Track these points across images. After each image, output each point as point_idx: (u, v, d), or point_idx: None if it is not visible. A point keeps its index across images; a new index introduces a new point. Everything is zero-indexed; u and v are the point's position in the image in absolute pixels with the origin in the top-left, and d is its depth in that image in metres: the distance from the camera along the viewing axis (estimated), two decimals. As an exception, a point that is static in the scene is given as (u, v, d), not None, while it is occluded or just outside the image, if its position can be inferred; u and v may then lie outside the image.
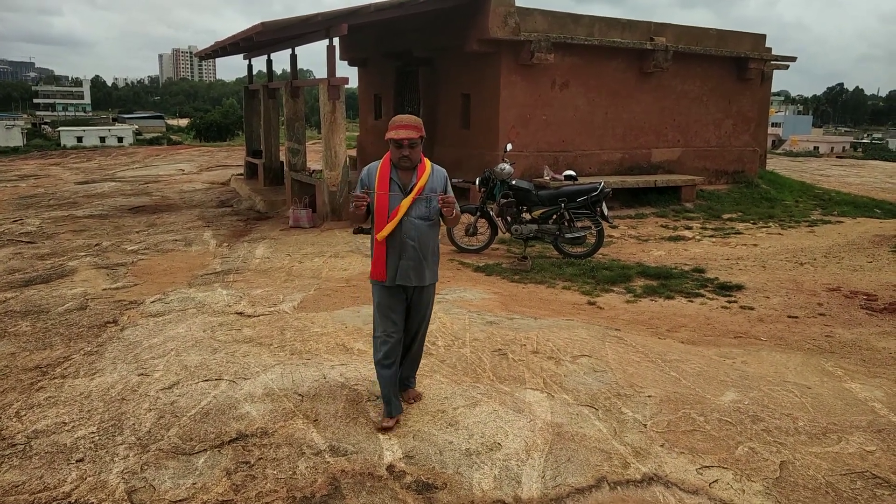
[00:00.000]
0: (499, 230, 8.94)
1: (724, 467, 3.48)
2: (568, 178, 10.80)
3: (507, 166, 8.72)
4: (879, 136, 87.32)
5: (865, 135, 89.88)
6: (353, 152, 17.92)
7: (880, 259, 8.74)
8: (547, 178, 11.49)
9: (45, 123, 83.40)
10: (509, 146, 9.41)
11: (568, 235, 8.54)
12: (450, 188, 3.89)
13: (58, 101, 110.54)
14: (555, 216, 8.59)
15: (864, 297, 6.92)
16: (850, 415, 4.12)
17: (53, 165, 20.85)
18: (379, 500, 3.17)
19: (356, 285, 7.04)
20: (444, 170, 3.94)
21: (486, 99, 12.05)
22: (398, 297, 3.85)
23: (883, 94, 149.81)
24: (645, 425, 3.91)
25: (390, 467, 3.41)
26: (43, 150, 34.93)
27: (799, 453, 3.63)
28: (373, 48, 15.16)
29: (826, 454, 3.64)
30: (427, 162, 3.84)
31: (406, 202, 3.71)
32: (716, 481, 3.35)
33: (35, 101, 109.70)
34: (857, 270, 8.14)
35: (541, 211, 8.67)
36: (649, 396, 4.29)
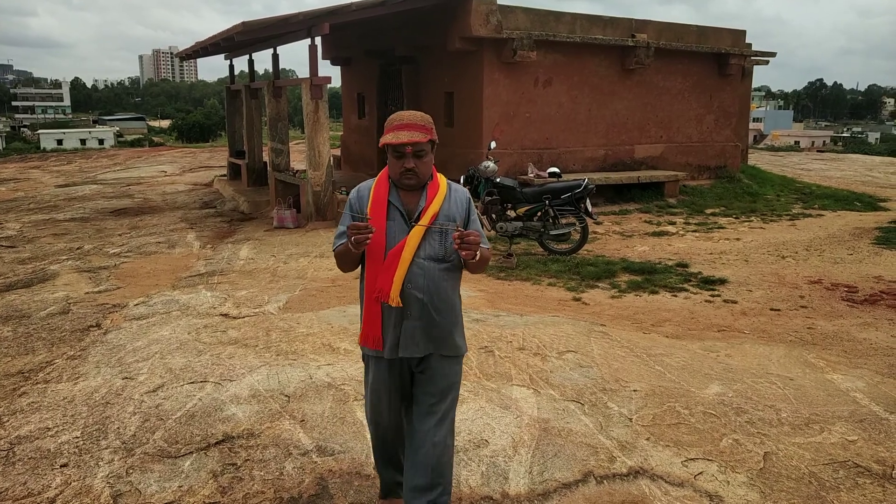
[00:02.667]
0: (483, 228, 8.95)
1: (708, 459, 3.51)
2: (552, 175, 10.83)
3: (491, 164, 8.74)
4: (859, 129, 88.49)
5: (845, 129, 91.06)
6: (337, 152, 17.88)
7: (860, 251, 8.85)
8: (531, 175, 11.52)
9: (25, 126, 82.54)
10: (493, 144, 9.42)
11: (553, 232, 8.57)
12: (475, 217, 2.81)
13: (37, 103, 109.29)
14: (539, 213, 8.61)
15: (845, 289, 7.01)
16: (832, 405, 4.17)
17: (33, 169, 20.60)
18: (367, 499, 3.17)
19: (342, 285, 7.02)
20: (465, 190, 2.83)
21: (469, 97, 12.06)
22: (398, 373, 2.75)
23: (862, 88, 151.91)
24: (630, 419, 3.94)
25: (378, 466, 3.41)
26: (22, 153, 34.52)
27: (782, 444, 3.67)
28: (355, 47, 15.12)
29: (809, 444, 3.68)
30: (441, 179, 2.75)
31: (415, 235, 2.60)
32: (701, 473, 3.38)
33: (14, 103, 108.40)
34: (837, 263, 8.24)
35: (525, 208, 8.69)
36: (635, 391, 4.32)
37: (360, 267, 2.76)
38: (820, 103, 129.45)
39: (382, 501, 3.08)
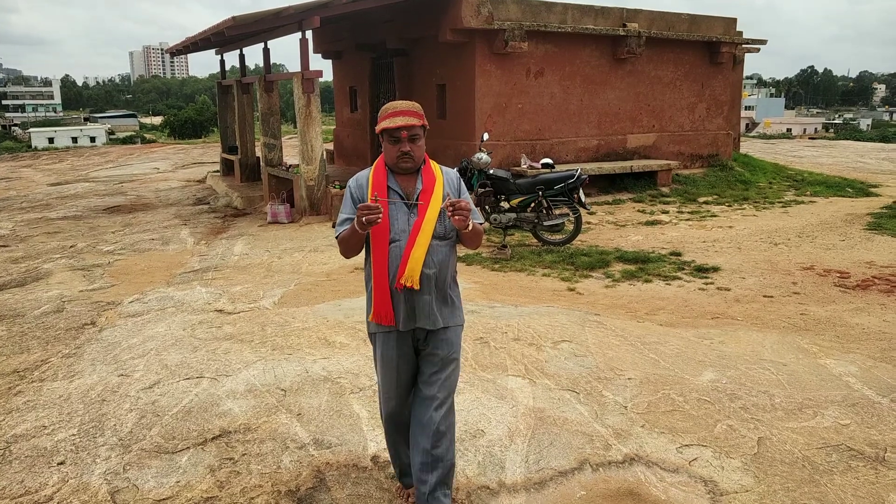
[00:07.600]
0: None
1: (703, 445, 3.54)
2: (545, 165, 10.84)
3: (484, 156, 8.74)
4: (850, 116, 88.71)
5: (837, 115, 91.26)
6: (330, 146, 17.84)
7: (852, 237, 8.90)
8: (524, 166, 11.52)
9: (15, 125, 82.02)
10: (486, 135, 9.42)
11: (546, 223, 8.58)
12: (466, 193, 2.97)
13: (27, 101, 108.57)
14: (533, 204, 8.62)
15: (838, 275, 7.05)
16: (825, 390, 4.21)
17: (24, 167, 20.48)
18: (364, 490, 3.18)
19: (336, 279, 7.03)
20: (454, 171, 3.00)
21: (461, 89, 12.04)
22: (407, 345, 2.90)
23: (853, 74, 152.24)
24: (625, 407, 3.96)
25: (375, 458, 3.43)
26: (13, 152, 34.26)
27: (776, 429, 3.71)
28: (347, 40, 15.06)
29: (802, 429, 3.71)
30: (434, 163, 2.93)
31: (433, 215, 2.77)
32: (695, 459, 3.41)
33: (4, 102, 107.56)
34: (829, 249, 8.28)
35: (519, 199, 8.70)
36: (629, 379, 4.35)
37: (364, 251, 2.90)
38: (811, 90, 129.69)
39: (401, 487, 3.16)
